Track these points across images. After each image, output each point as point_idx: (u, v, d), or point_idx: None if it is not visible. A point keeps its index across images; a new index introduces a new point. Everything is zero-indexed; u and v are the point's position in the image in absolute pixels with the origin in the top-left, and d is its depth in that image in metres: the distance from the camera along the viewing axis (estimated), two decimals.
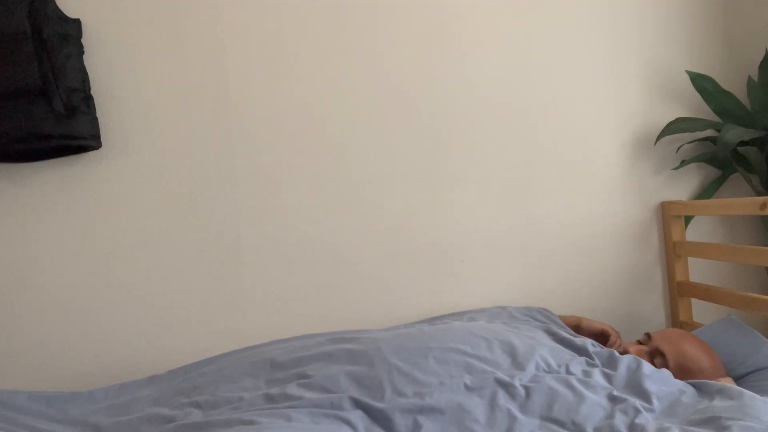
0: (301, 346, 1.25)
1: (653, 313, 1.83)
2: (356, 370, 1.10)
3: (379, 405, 1.01)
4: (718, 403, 0.96)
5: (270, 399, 1.05)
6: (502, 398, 1.04)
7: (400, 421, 0.99)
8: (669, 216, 1.80)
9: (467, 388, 1.06)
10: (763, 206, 1.45)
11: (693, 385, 1.14)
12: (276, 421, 0.93)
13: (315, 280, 1.61)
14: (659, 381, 1.11)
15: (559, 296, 1.77)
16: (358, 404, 1.02)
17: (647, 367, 1.15)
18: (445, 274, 1.69)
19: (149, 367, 1.49)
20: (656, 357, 1.29)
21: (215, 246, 1.55)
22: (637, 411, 0.99)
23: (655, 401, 1.05)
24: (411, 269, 1.67)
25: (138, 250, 1.51)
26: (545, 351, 1.18)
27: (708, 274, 1.87)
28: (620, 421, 0.97)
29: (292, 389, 1.06)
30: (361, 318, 1.63)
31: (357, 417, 0.99)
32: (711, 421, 0.90)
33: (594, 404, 1.02)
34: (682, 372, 1.26)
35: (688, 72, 1.77)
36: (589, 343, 1.26)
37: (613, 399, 1.04)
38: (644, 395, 1.06)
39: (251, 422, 0.92)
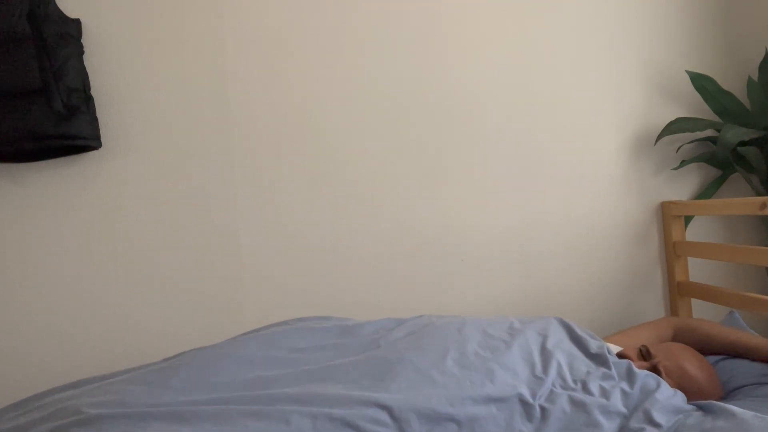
0: (328, 351, 1.15)
1: (653, 313, 1.83)
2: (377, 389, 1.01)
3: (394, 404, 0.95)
4: (721, 424, 0.95)
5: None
6: (519, 420, 0.98)
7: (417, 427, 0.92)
8: (669, 216, 1.80)
9: (485, 399, 1.00)
10: (763, 206, 1.45)
11: (699, 405, 1.11)
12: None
13: (315, 279, 1.61)
14: (670, 405, 1.07)
15: (558, 296, 1.77)
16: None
17: (664, 390, 1.10)
18: (445, 274, 1.69)
19: None
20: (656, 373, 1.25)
21: (215, 245, 1.55)
22: None
23: (663, 428, 1.01)
24: (411, 269, 1.67)
25: (138, 250, 1.51)
26: (563, 360, 1.13)
27: (708, 274, 1.87)
28: None
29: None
30: (361, 318, 1.63)
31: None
32: None
33: None
34: (681, 390, 1.22)
35: (688, 72, 1.77)
36: (605, 349, 1.20)
37: (624, 430, 1.00)
38: (653, 422, 1.02)
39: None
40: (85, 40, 1.47)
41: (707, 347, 1.41)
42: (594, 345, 1.21)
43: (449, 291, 1.69)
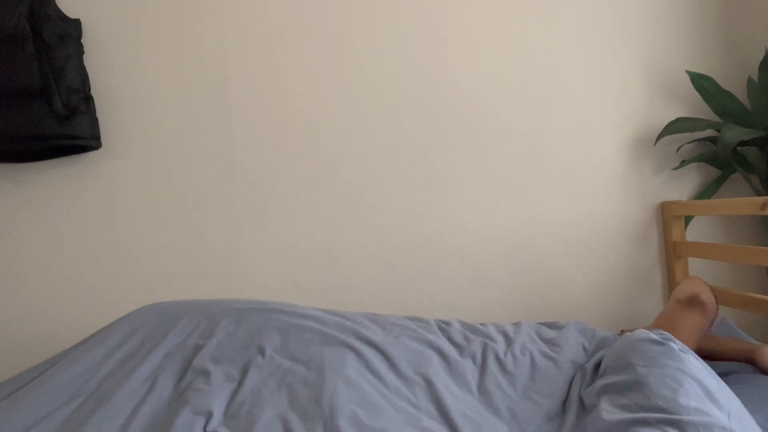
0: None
1: (653, 313, 1.83)
2: None
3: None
4: (623, 375, 1.03)
5: None
6: (492, 363, 1.18)
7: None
8: (669, 216, 1.80)
9: (462, 352, 1.21)
10: (763, 206, 1.45)
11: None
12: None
13: (315, 279, 1.61)
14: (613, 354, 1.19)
15: (558, 296, 1.77)
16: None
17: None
18: (446, 274, 1.69)
19: None
20: None
21: (215, 246, 1.55)
22: (586, 381, 1.11)
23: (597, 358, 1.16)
24: (411, 269, 1.67)
25: (137, 250, 1.51)
26: (532, 330, 1.33)
27: (708, 274, 1.86)
28: (574, 390, 1.11)
29: None
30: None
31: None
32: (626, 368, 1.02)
33: (563, 380, 1.15)
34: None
35: (688, 72, 1.77)
36: (570, 321, 1.37)
37: (581, 370, 1.16)
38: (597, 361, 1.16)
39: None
40: (85, 40, 1.47)
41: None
42: (561, 323, 1.38)
43: (449, 291, 1.69)
